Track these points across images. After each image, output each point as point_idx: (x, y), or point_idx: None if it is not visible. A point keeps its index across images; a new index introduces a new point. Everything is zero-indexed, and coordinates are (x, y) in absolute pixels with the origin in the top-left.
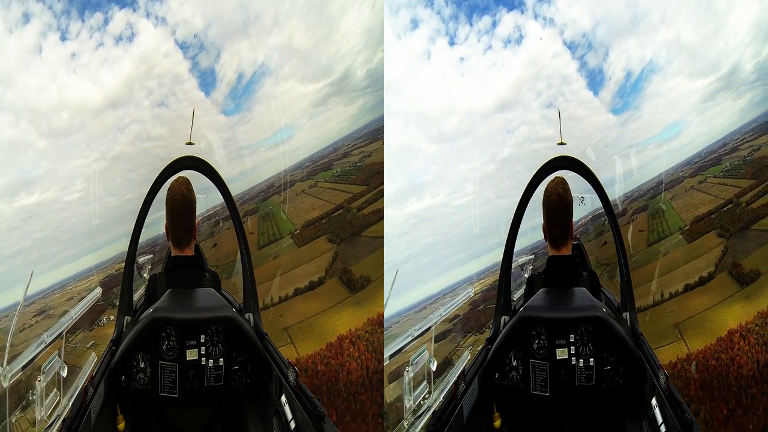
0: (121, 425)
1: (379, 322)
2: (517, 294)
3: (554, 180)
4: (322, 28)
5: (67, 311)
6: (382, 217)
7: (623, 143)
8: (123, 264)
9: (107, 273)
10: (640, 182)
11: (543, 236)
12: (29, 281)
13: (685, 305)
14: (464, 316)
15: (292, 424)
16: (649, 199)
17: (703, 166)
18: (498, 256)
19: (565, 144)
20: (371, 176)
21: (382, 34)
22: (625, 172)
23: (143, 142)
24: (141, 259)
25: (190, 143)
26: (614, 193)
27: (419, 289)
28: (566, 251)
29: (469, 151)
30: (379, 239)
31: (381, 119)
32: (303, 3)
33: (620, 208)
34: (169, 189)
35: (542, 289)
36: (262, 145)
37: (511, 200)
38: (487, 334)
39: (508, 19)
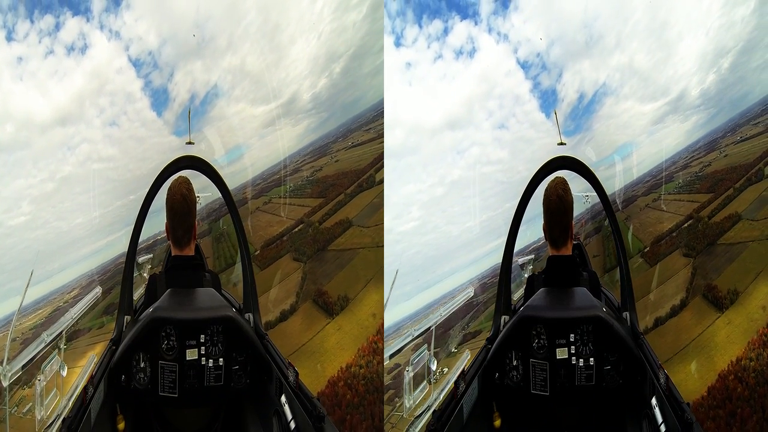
0: (121, 425)
1: (372, 350)
2: (517, 294)
3: (554, 180)
4: (273, 54)
5: (67, 310)
6: (346, 229)
7: None
8: (72, 294)
9: (56, 305)
10: (592, 203)
11: (543, 235)
12: (28, 281)
13: (660, 344)
14: None
15: (292, 425)
16: (603, 220)
17: (656, 184)
18: (446, 288)
19: (564, 144)
20: (326, 189)
21: (329, 61)
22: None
23: (93, 163)
24: (141, 259)
25: (189, 143)
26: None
27: None
28: (566, 251)
29: (415, 171)
30: (348, 252)
31: (327, 136)
32: (256, 29)
33: (620, 208)
34: (169, 189)
35: (542, 289)
36: (214, 164)
37: (462, 226)
38: None
39: (461, 28)
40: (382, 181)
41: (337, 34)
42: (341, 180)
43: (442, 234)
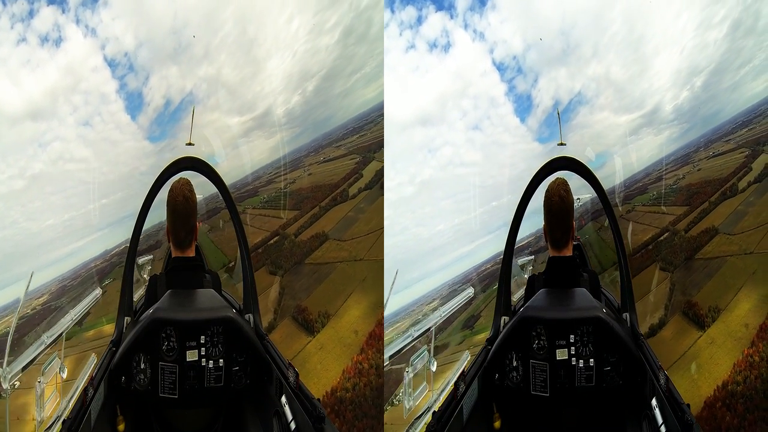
0: (121, 426)
1: (357, 371)
2: (517, 294)
3: (555, 181)
4: (249, 66)
5: (67, 312)
6: (322, 242)
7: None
8: (41, 299)
9: (23, 312)
10: (583, 205)
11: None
12: (29, 281)
13: None
14: None
15: (293, 425)
16: (577, 230)
17: (629, 195)
18: (415, 295)
19: (564, 144)
20: (301, 201)
21: (302, 80)
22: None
23: (66, 163)
24: (141, 260)
25: (190, 143)
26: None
27: None
28: (567, 252)
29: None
30: (326, 265)
31: (301, 149)
32: (233, 40)
33: (620, 208)
34: (170, 190)
35: (542, 290)
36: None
37: (432, 229)
38: None
39: (435, 20)
40: (355, 196)
41: (311, 54)
42: (315, 193)
43: (411, 236)
